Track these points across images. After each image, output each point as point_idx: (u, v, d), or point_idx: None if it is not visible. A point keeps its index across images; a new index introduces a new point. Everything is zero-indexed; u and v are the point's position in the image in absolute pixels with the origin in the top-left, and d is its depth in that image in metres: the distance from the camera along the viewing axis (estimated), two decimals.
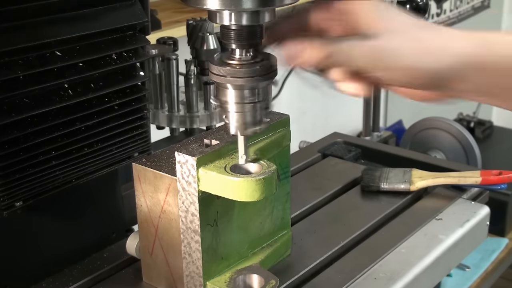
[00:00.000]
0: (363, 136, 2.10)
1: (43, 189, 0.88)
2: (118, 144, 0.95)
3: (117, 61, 0.92)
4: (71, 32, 0.86)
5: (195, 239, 0.81)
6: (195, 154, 0.78)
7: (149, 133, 1.00)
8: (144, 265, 0.91)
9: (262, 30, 0.69)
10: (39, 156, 0.85)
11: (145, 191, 0.86)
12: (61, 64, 0.85)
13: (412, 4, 1.32)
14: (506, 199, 1.91)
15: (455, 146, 2.00)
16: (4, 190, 0.83)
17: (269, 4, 0.66)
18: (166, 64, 1.32)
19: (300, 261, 0.93)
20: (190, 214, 0.80)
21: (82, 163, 0.91)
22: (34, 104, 0.83)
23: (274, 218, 0.92)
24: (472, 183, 1.10)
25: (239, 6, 0.64)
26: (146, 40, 0.96)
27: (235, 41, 0.68)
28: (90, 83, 0.89)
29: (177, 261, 0.85)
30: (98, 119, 0.91)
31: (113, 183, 1.02)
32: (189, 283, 0.84)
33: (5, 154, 0.81)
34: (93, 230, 0.99)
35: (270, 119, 0.86)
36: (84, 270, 0.94)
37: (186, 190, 0.79)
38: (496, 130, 2.70)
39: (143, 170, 0.85)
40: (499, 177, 1.08)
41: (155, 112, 1.37)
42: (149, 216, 0.87)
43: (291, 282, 0.90)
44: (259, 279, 0.84)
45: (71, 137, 0.88)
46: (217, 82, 0.70)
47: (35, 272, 0.92)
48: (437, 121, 2.06)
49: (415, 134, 2.09)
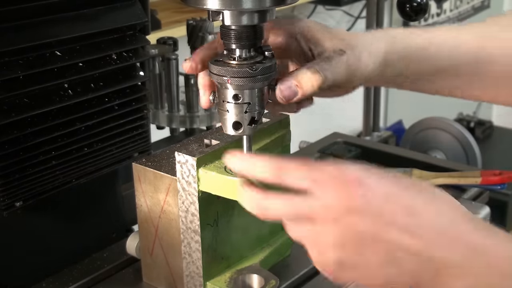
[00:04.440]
0: (363, 136, 2.10)
1: (43, 189, 0.88)
2: (118, 144, 0.95)
3: (117, 61, 0.92)
4: (71, 32, 0.86)
5: (195, 239, 0.81)
6: (195, 154, 0.78)
7: (149, 133, 1.00)
8: (144, 265, 0.91)
9: (262, 30, 0.69)
10: (39, 156, 0.85)
11: (145, 191, 0.86)
12: (61, 64, 0.85)
13: (412, 4, 1.32)
14: (506, 199, 1.90)
15: (455, 146, 2.00)
16: (4, 190, 0.83)
17: (269, 4, 0.66)
18: (166, 64, 1.32)
19: (300, 261, 0.93)
20: (190, 214, 0.80)
21: (82, 163, 0.91)
22: (34, 104, 0.83)
23: None
24: (472, 183, 1.10)
25: (239, 6, 0.64)
26: (146, 40, 0.96)
27: (235, 41, 0.68)
28: (90, 83, 0.89)
29: (177, 261, 0.85)
30: (98, 119, 0.91)
31: (113, 183, 1.02)
32: (189, 283, 0.84)
33: (5, 154, 0.81)
34: (93, 230, 0.99)
35: (270, 119, 0.86)
36: (84, 270, 0.94)
37: (186, 190, 0.79)
38: (496, 130, 2.70)
39: (143, 170, 0.85)
40: (499, 177, 1.08)
41: (155, 112, 1.37)
42: (149, 216, 0.87)
43: (291, 282, 0.90)
44: (259, 279, 0.84)
45: (71, 137, 0.88)
46: (217, 81, 0.70)
47: (35, 272, 0.92)
48: (437, 121, 2.06)
49: (415, 134, 2.09)
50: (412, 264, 0.57)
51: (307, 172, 0.59)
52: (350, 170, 0.58)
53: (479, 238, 0.57)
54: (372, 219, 0.56)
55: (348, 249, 0.58)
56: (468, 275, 0.56)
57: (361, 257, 0.58)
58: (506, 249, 0.57)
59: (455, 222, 0.57)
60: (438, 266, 0.56)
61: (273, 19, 0.69)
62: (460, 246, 0.56)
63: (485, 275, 0.56)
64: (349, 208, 0.57)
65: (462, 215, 0.58)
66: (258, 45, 0.70)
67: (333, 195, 0.57)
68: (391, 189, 0.58)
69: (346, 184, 0.57)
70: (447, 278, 0.57)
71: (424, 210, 0.57)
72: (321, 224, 0.58)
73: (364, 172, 0.58)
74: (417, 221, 0.56)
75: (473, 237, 0.57)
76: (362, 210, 0.56)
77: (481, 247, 0.56)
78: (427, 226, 0.56)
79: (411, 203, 0.57)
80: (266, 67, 0.68)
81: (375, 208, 0.56)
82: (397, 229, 0.56)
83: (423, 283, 0.58)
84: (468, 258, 0.56)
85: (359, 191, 0.56)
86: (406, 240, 0.56)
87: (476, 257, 0.56)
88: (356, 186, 0.57)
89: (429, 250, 0.56)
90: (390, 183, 0.58)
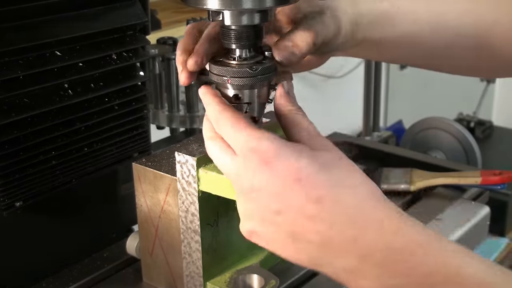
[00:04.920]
0: (363, 136, 2.10)
1: (43, 189, 0.88)
2: (118, 144, 0.95)
3: (117, 61, 0.92)
4: (71, 32, 0.86)
5: (195, 239, 0.81)
6: (195, 154, 0.78)
7: (149, 133, 1.00)
8: (144, 265, 0.91)
9: (262, 30, 0.69)
10: (39, 156, 0.85)
11: (145, 191, 0.86)
12: (61, 64, 0.85)
13: None
14: (506, 199, 1.90)
15: (455, 146, 2.00)
16: (4, 190, 0.83)
17: (269, 4, 0.66)
18: (166, 64, 1.32)
19: None
20: (190, 214, 0.80)
21: (82, 163, 0.91)
22: (34, 104, 0.83)
23: None
24: (472, 183, 1.10)
25: (239, 6, 0.64)
26: (146, 40, 0.96)
27: (235, 41, 0.68)
28: (90, 83, 0.89)
29: (177, 261, 0.85)
30: (98, 119, 0.91)
31: (113, 183, 1.02)
32: (189, 283, 0.84)
33: (5, 154, 0.81)
34: (93, 230, 0.99)
35: (270, 119, 0.86)
36: (84, 270, 0.94)
37: (186, 190, 0.79)
38: (496, 130, 2.70)
39: (143, 170, 0.86)
40: (499, 177, 1.08)
41: (155, 112, 1.37)
42: (149, 216, 0.87)
43: (291, 282, 0.90)
44: (259, 279, 0.84)
45: (71, 137, 0.88)
46: (217, 81, 0.70)
47: (35, 272, 0.92)
48: (437, 121, 2.05)
49: (415, 134, 2.09)
50: (310, 248, 0.59)
51: (232, 135, 0.62)
52: (266, 148, 0.60)
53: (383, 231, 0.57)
54: (275, 199, 0.59)
55: (255, 221, 0.61)
56: (370, 270, 0.57)
57: (267, 231, 0.60)
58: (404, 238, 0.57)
59: (356, 212, 0.58)
60: (337, 257, 0.58)
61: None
62: (359, 241, 0.57)
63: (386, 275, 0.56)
64: (252, 185, 0.60)
65: (366, 203, 0.59)
66: (258, 45, 0.70)
67: (244, 169, 0.61)
68: (299, 172, 0.58)
69: (257, 163, 0.59)
70: (349, 271, 0.58)
71: (327, 197, 0.58)
72: (236, 189, 0.63)
73: (278, 153, 0.59)
74: (318, 208, 0.57)
75: (371, 231, 0.57)
76: (264, 188, 0.59)
77: (381, 243, 0.56)
78: (327, 215, 0.57)
79: (315, 187, 0.58)
80: (266, 67, 0.68)
81: (275, 187, 0.59)
82: (297, 212, 0.58)
83: (325, 268, 0.59)
84: (367, 255, 0.57)
85: (266, 172, 0.59)
86: (306, 224, 0.58)
87: (377, 254, 0.56)
88: (265, 167, 0.59)
89: (328, 238, 0.57)
90: (302, 164, 0.59)
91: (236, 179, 0.62)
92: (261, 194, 0.60)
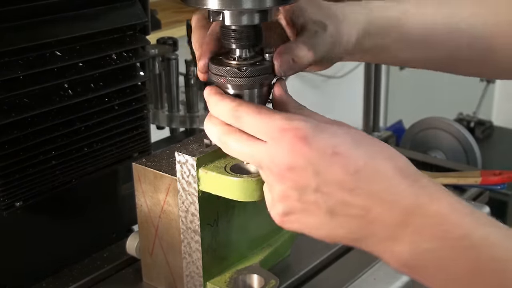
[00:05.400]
0: None
1: (43, 189, 0.88)
2: (118, 144, 0.95)
3: (117, 61, 0.92)
4: (71, 32, 0.86)
5: (195, 239, 0.81)
6: (195, 154, 0.78)
7: (149, 133, 1.00)
8: (144, 265, 0.91)
9: (261, 30, 0.69)
10: (39, 156, 0.85)
11: (145, 191, 0.86)
12: (61, 64, 0.85)
13: None
14: (506, 199, 1.91)
15: (455, 146, 2.00)
16: (4, 190, 0.83)
17: (269, 4, 0.65)
18: (166, 64, 1.32)
19: (300, 261, 0.93)
20: (190, 214, 0.80)
21: (82, 163, 0.91)
22: (34, 104, 0.83)
23: None
24: (472, 183, 1.10)
25: (239, 6, 0.64)
26: (146, 40, 0.96)
27: (234, 41, 0.68)
28: (90, 83, 0.89)
29: (177, 261, 0.85)
30: (98, 119, 0.91)
31: (113, 183, 1.02)
32: (189, 283, 0.84)
33: (5, 154, 0.81)
34: (93, 230, 0.99)
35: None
36: (84, 270, 0.94)
37: (186, 190, 0.79)
38: (496, 130, 2.71)
39: (143, 170, 0.86)
40: (499, 177, 1.08)
41: (155, 112, 1.37)
42: (149, 216, 0.87)
43: (291, 282, 0.90)
44: (259, 279, 0.84)
45: (71, 137, 0.88)
46: (217, 82, 0.70)
47: (35, 272, 0.92)
48: (437, 121, 2.06)
49: (415, 134, 2.09)
50: (349, 222, 0.59)
51: (259, 123, 0.62)
52: (299, 126, 0.60)
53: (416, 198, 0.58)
54: (313, 176, 0.59)
55: (291, 202, 0.61)
56: (405, 237, 0.58)
57: (304, 209, 0.60)
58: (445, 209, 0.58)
59: (393, 181, 0.59)
60: (375, 228, 0.58)
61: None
62: (397, 208, 0.58)
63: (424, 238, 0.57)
64: (291, 166, 0.60)
65: (401, 173, 0.60)
66: (259, 45, 0.70)
67: (278, 150, 0.60)
68: (336, 146, 0.59)
69: (292, 141, 0.59)
70: (385, 240, 0.58)
71: (364, 169, 0.58)
72: (268, 175, 0.62)
73: (312, 130, 0.60)
74: (357, 180, 0.58)
75: (409, 199, 0.58)
76: (301, 165, 0.59)
77: (418, 209, 0.57)
78: (365, 186, 0.58)
79: (353, 160, 0.59)
80: (257, 69, 0.68)
81: (316, 166, 0.59)
82: (336, 186, 0.59)
83: (362, 241, 0.60)
84: (404, 221, 0.57)
85: (303, 149, 0.59)
86: (345, 197, 0.58)
87: (413, 219, 0.57)
88: (301, 144, 0.59)
89: (366, 210, 0.58)
90: (338, 138, 0.60)
91: (270, 164, 0.61)
92: (298, 171, 0.60)
